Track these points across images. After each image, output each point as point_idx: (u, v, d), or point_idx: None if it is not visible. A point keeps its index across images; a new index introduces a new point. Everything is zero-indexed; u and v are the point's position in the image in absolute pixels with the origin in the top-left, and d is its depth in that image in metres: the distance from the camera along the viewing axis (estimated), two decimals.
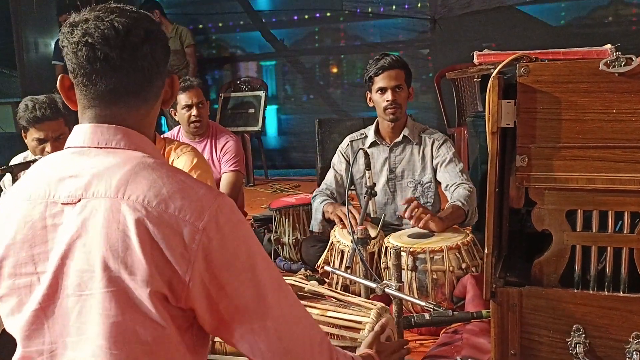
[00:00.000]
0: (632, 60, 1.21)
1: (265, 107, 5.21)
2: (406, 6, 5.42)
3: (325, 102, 5.99)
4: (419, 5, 5.33)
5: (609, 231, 1.28)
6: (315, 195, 2.61)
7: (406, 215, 2.23)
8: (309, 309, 1.49)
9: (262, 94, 5.20)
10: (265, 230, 3.06)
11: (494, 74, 1.29)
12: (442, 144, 2.49)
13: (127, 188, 0.86)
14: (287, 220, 2.82)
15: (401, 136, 2.51)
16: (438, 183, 2.51)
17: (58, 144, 2.21)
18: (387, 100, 2.41)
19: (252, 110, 5.18)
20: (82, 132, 0.94)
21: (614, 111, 1.23)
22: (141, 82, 0.94)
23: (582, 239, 1.30)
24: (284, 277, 1.82)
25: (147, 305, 0.85)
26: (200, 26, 6.36)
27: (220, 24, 6.40)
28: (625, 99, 1.22)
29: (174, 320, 0.88)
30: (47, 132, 2.21)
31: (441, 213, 2.32)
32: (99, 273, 0.86)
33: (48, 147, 2.24)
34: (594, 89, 1.24)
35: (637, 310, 1.24)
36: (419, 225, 2.18)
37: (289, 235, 2.82)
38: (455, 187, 2.37)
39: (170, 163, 2.37)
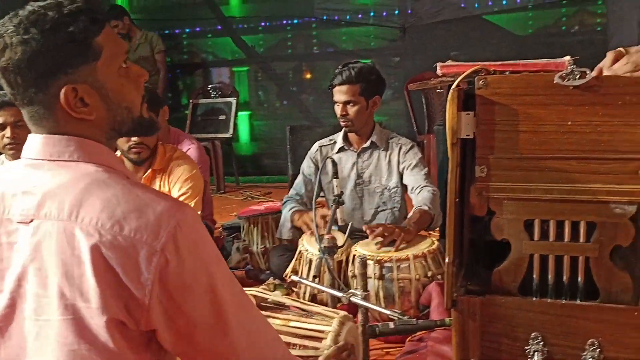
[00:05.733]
0: (586, 73, 1.23)
1: (236, 113, 5.19)
2: (375, 14, 5.47)
3: (298, 108, 6.01)
4: (389, 13, 5.38)
5: (566, 240, 1.30)
6: (285, 202, 2.63)
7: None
8: (271, 320, 1.49)
9: (233, 100, 5.18)
10: (234, 239, 3.05)
11: (453, 87, 1.31)
12: (409, 149, 2.55)
13: (81, 210, 0.84)
14: (255, 228, 2.82)
15: (369, 142, 2.56)
16: (404, 188, 2.55)
17: (18, 130, 2.21)
18: (339, 114, 2.49)
19: (223, 117, 5.15)
20: (36, 143, 0.92)
21: (569, 123, 1.26)
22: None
23: (540, 248, 1.32)
24: (250, 287, 1.83)
25: (103, 334, 0.83)
26: (171, 32, 6.32)
27: (191, 30, 6.37)
28: (580, 111, 1.25)
29: (132, 344, 0.86)
30: (6, 117, 2.21)
31: (408, 220, 2.35)
32: (55, 300, 0.83)
33: (8, 132, 2.23)
34: (550, 102, 1.27)
35: (593, 318, 1.27)
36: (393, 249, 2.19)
37: (257, 244, 2.81)
38: (419, 189, 2.43)
39: (169, 170, 2.44)
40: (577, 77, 1.24)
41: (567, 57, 1.48)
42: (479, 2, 5.11)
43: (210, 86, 5.62)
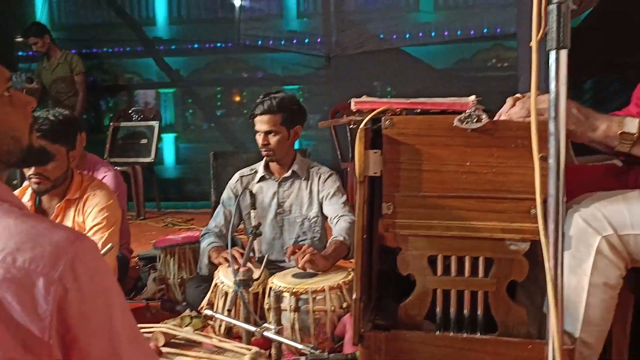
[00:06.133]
0: (482, 117, 1.31)
1: (158, 137, 5.09)
2: (301, 42, 5.56)
3: (224, 133, 5.97)
4: (315, 42, 5.49)
5: (466, 275, 1.36)
6: (204, 234, 2.59)
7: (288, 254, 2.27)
8: (181, 357, 1.46)
9: (155, 124, 5.08)
10: (151, 269, 2.96)
11: (361, 126, 1.35)
12: (328, 177, 2.58)
13: None
14: (172, 259, 2.75)
15: (290, 171, 2.57)
16: (325, 217, 2.57)
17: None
18: (260, 143, 2.51)
19: (144, 141, 5.03)
20: None
21: (468, 164, 1.32)
22: None
23: (442, 283, 1.37)
24: (166, 320, 1.78)
25: None
26: (94, 51, 6.14)
27: (115, 50, 6.22)
28: (477, 153, 1.32)
29: None
30: None
31: (325, 251, 2.37)
32: None
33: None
34: (450, 143, 1.33)
35: (491, 351, 1.32)
36: (306, 269, 2.22)
37: (174, 275, 2.74)
38: (337, 219, 2.46)
39: (85, 199, 2.36)
40: (475, 120, 1.31)
41: (472, 97, 1.56)
42: (398, 35, 5.32)
43: (132, 109, 5.48)
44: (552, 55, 0.97)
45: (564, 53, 0.96)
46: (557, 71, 0.97)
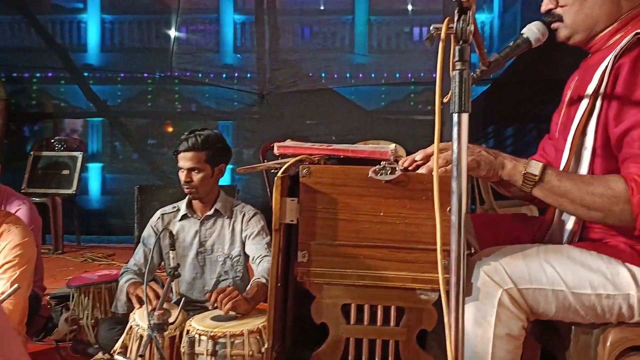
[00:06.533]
0: (396, 170, 1.35)
1: (82, 169, 4.91)
2: (235, 77, 5.59)
3: (152, 165, 5.84)
4: (249, 79, 5.53)
5: (378, 324, 1.38)
6: (123, 273, 2.51)
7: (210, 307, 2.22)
8: None
9: (79, 155, 4.91)
10: (63, 309, 2.81)
11: (279, 174, 1.36)
12: (252, 217, 2.56)
13: None
14: (86, 298, 2.63)
15: (213, 210, 2.54)
16: (247, 256, 2.55)
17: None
18: (183, 180, 2.48)
19: (66, 172, 4.84)
20: None
21: (382, 214, 1.36)
22: None
23: (355, 332, 1.38)
24: None
25: None
26: (19, 75, 5.91)
27: (42, 75, 6.02)
28: (390, 204, 1.35)
29: None
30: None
31: (247, 292, 2.34)
32: None
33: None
34: (365, 193, 1.36)
35: None
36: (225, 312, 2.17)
37: (88, 316, 2.61)
38: (260, 259, 2.44)
39: None
40: (389, 172, 1.35)
41: (393, 145, 1.61)
42: (332, 75, 5.45)
43: (56, 138, 5.28)
44: (455, 117, 1.02)
45: (465, 116, 1.01)
46: (459, 133, 1.02)
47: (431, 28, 1.03)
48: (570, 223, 1.49)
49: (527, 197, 1.49)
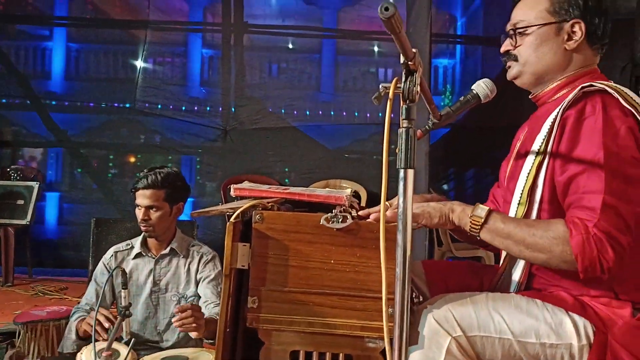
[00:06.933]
0: (347, 218, 1.38)
1: (37, 199, 4.79)
2: (200, 111, 5.60)
3: (110, 197, 5.74)
4: (213, 114, 5.54)
5: None
6: (74, 312, 2.44)
7: (175, 323, 2.16)
8: None
9: (35, 185, 4.79)
10: (8, 346, 2.71)
11: (231, 219, 1.37)
12: (210, 260, 2.53)
13: None
14: (33, 335, 2.54)
15: (168, 249, 2.51)
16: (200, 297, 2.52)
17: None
18: (140, 218, 2.45)
19: (20, 202, 4.72)
20: None
21: (332, 261, 1.38)
22: None
23: None
24: None
25: None
26: None
27: (0, 102, 5.90)
28: (341, 252, 1.38)
29: None
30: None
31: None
32: None
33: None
34: (316, 240, 1.38)
35: None
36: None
37: (34, 354, 2.53)
38: (213, 305, 2.40)
39: None
40: (340, 220, 1.38)
41: (349, 190, 1.64)
42: (296, 113, 5.51)
43: (11, 167, 5.16)
44: (401, 173, 1.06)
45: (410, 172, 1.05)
46: (405, 188, 1.05)
47: (380, 87, 1.07)
48: (517, 274, 1.53)
49: (482, 243, 1.53)
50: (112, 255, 2.54)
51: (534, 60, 1.55)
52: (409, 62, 1.02)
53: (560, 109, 1.43)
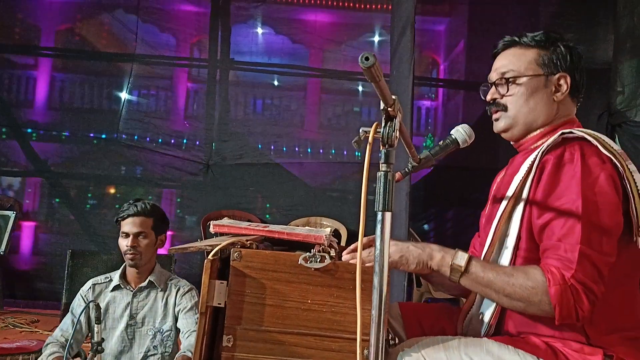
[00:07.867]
0: (326, 258, 1.38)
1: (13, 229, 4.72)
2: (183, 145, 5.60)
3: (88, 228, 5.66)
4: (195, 148, 5.55)
5: None
6: (47, 344, 2.40)
7: None
8: None
9: (11, 214, 4.73)
10: None
11: (209, 257, 1.37)
12: (187, 292, 2.53)
13: None
14: None
15: (147, 281, 2.49)
16: (178, 331, 2.49)
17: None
18: (127, 246, 2.44)
19: None
20: None
21: (309, 301, 1.38)
22: None
23: None
24: None
25: None
26: None
27: None
28: (318, 291, 1.38)
29: None
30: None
31: None
32: None
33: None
34: (294, 280, 1.39)
35: None
36: None
37: None
38: (189, 334, 2.39)
39: None
40: (318, 260, 1.38)
41: (327, 230, 1.65)
42: (279, 149, 5.55)
43: None
44: (379, 215, 1.07)
45: (388, 215, 1.07)
46: (382, 231, 1.07)
47: (360, 131, 1.10)
48: (487, 315, 1.54)
49: (461, 289, 1.54)
50: (90, 288, 2.52)
51: (526, 111, 1.58)
52: (389, 109, 1.05)
53: (538, 153, 1.46)
